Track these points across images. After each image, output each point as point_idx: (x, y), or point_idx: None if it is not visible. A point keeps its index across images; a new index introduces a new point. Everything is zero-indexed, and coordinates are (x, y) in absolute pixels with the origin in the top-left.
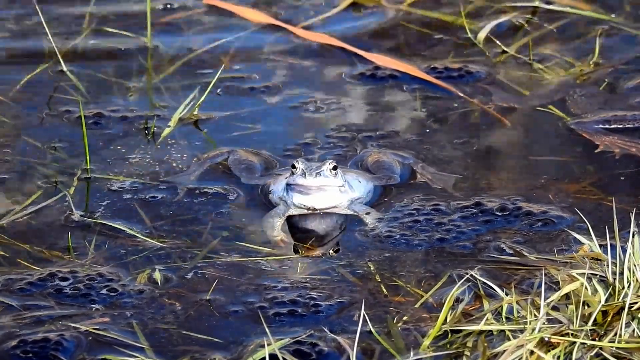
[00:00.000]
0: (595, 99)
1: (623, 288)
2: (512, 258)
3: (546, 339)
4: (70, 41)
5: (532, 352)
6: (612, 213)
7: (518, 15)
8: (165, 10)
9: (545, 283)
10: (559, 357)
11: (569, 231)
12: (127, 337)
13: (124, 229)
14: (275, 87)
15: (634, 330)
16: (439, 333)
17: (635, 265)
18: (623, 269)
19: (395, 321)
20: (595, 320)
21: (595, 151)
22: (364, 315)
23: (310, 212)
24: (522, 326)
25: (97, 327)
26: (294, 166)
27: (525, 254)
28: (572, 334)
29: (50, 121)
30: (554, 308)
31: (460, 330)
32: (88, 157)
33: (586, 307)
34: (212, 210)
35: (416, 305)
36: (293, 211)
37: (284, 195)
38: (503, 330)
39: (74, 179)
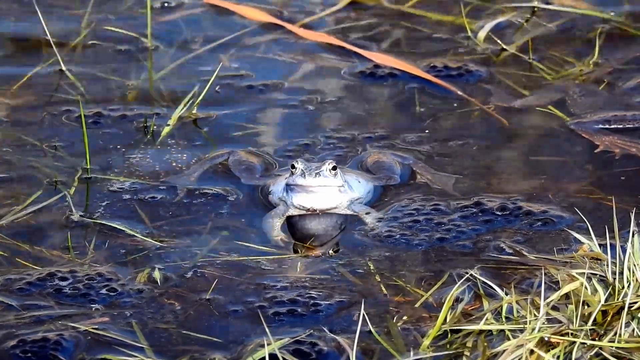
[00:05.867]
0: (595, 99)
1: (623, 288)
2: (512, 258)
3: (546, 338)
4: (69, 41)
5: (532, 352)
6: (612, 213)
7: (517, 14)
8: (163, 9)
9: (545, 283)
10: (558, 356)
11: (569, 231)
12: (127, 337)
13: (123, 228)
14: (274, 85)
15: (633, 330)
16: (439, 333)
17: (635, 265)
18: (623, 269)
19: (395, 321)
20: (595, 320)
21: (595, 151)
22: (363, 314)
23: (310, 212)
24: (521, 326)
25: (97, 326)
26: (293, 166)
27: (525, 253)
28: (571, 334)
29: (50, 121)
30: (554, 308)
31: (460, 330)
32: (88, 157)
33: (586, 307)
34: (211, 210)
35: (416, 305)
36: (293, 211)
37: (283, 196)
38: (503, 330)
39: (74, 179)
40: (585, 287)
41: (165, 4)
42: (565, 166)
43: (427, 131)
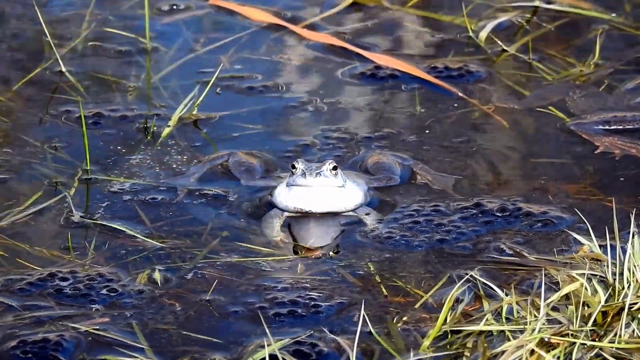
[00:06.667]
0: (595, 100)
1: (623, 288)
2: (512, 259)
3: (546, 339)
4: (69, 41)
5: (532, 353)
6: (612, 214)
7: (518, 14)
8: (171, 11)
9: (545, 283)
10: (558, 357)
11: (569, 232)
12: (127, 338)
13: (123, 229)
14: (275, 86)
15: (633, 331)
16: (439, 333)
17: (635, 266)
18: (623, 270)
19: (395, 322)
20: (595, 320)
21: (595, 152)
22: (363, 315)
23: (310, 212)
24: (522, 327)
25: (97, 327)
26: (293, 166)
27: (525, 254)
28: (572, 335)
29: (50, 121)
30: (554, 308)
31: (460, 331)
32: (88, 158)
33: (586, 308)
34: (212, 211)
35: (416, 306)
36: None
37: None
38: (503, 331)
39: (74, 180)
40: (586, 288)
41: (174, 7)
42: (565, 167)
43: (427, 132)
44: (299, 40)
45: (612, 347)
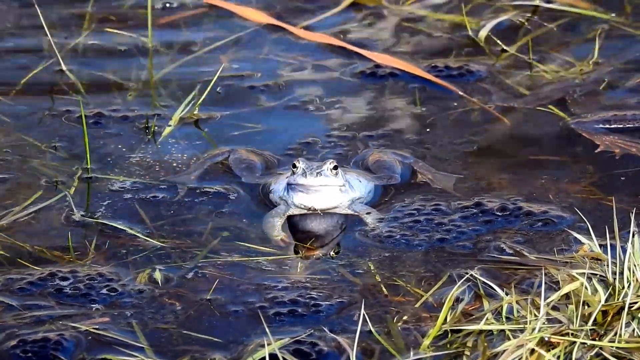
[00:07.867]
0: (595, 99)
1: (623, 288)
2: (512, 258)
3: (546, 338)
4: (70, 41)
5: (532, 352)
6: (612, 213)
7: (519, 14)
8: (164, 10)
9: (546, 283)
10: (559, 356)
11: (569, 231)
12: (127, 337)
13: (124, 228)
14: (275, 86)
15: (633, 330)
16: (439, 333)
17: (635, 265)
18: (623, 269)
19: (395, 321)
20: (595, 320)
21: (596, 151)
22: (364, 315)
23: (310, 212)
24: (522, 326)
25: (97, 326)
26: (294, 166)
27: (526, 253)
28: (572, 334)
29: (50, 121)
30: (554, 308)
31: (460, 330)
32: (88, 157)
33: (586, 307)
34: (212, 210)
35: (416, 305)
36: (294, 211)
37: (284, 195)
38: (503, 330)
39: (75, 179)
40: (586, 287)
41: (167, 5)
42: (566, 166)
43: (427, 130)
44: (299, 40)
45: (612, 347)
